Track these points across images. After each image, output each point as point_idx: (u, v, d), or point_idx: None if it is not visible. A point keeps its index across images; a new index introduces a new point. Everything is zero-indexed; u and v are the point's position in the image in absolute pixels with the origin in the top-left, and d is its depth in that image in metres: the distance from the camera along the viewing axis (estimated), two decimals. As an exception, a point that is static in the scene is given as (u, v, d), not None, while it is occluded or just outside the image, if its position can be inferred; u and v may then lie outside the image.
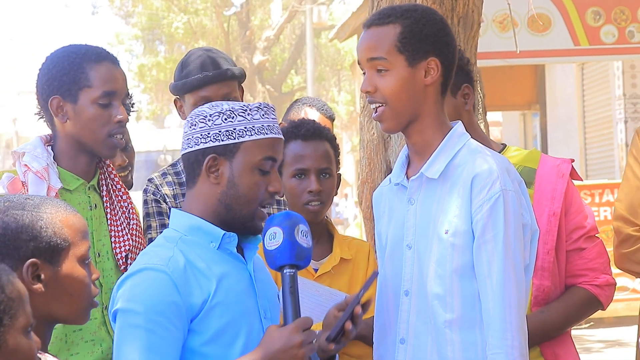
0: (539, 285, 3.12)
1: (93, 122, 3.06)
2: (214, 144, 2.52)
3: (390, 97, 2.66)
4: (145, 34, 31.90)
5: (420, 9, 2.75)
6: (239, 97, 3.61)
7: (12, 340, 1.86)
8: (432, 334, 2.65)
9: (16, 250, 2.12)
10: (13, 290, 1.88)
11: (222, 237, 2.53)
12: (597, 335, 9.94)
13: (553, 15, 9.97)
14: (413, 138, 2.72)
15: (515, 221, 2.61)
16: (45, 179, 3.02)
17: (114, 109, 3.07)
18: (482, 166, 2.62)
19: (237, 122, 2.52)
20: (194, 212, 2.56)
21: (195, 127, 2.54)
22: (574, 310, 3.16)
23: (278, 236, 2.54)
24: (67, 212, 2.22)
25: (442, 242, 2.63)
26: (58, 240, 2.16)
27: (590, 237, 3.19)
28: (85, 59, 3.07)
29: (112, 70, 3.09)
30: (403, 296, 2.70)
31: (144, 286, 2.43)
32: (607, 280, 3.18)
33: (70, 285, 2.18)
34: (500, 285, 2.56)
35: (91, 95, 3.05)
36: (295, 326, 2.44)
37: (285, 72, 28.04)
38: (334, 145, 3.36)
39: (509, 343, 2.55)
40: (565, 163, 3.21)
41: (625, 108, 13.86)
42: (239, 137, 2.52)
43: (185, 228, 2.55)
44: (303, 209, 3.25)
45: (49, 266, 2.15)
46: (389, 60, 2.66)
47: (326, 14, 25.04)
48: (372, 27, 2.71)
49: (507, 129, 19.28)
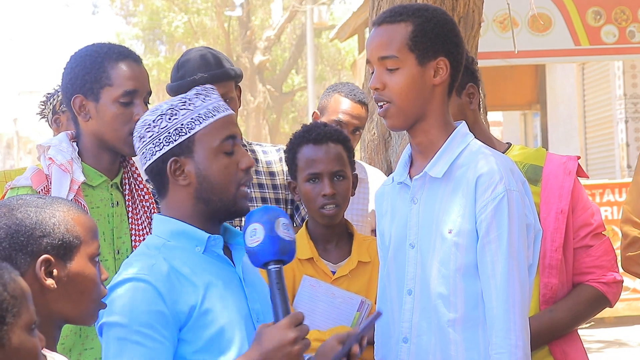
0: (546, 283, 3.12)
1: (115, 120, 3.07)
2: (169, 147, 2.45)
3: (398, 95, 2.66)
4: (146, 34, 31.93)
5: (432, 9, 2.75)
6: (236, 97, 3.61)
7: (15, 338, 1.86)
8: (435, 333, 2.65)
9: (29, 247, 2.12)
10: (16, 288, 1.88)
11: (207, 240, 2.47)
12: (597, 335, 9.94)
13: (553, 15, 9.98)
14: (418, 138, 2.71)
15: (519, 221, 2.61)
16: (69, 171, 3.03)
17: (136, 107, 3.07)
18: (487, 166, 2.62)
19: (182, 117, 2.46)
20: (175, 217, 2.49)
21: (145, 138, 2.48)
22: (582, 309, 3.16)
23: (259, 233, 2.42)
24: (78, 211, 2.23)
25: (445, 242, 2.63)
26: (70, 238, 2.16)
27: (597, 234, 3.19)
28: (106, 58, 3.08)
29: (133, 68, 3.10)
30: (406, 295, 2.70)
31: (127, 297, 2.36)
32: (614, 277, 3.18)
33: (82, 283, 2.18)
34: (504, 285, 2.57)
35: (112, 94, 3.06)
36: (287, 322, 2.33)
37: (285, 71, 28.05)
38: (347, 146, 3.35)
39: (512, 343, 2.55)
40: (571, 160, 3.21)
41: (625, 108, 13.87)
42: (190, 131, 2.45)
43: (168, 233, 2.48)
44: (319, 212, 3.25)
45: (61, 263, 2.15)
46: (400, 59, 2.66)
47: (327, 14, 25.04)
48: (384, 25, 2.71)
49: (507, 129, 19.29)
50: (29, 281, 2.09)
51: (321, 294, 3.16)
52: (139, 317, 2.34)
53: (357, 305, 3.17)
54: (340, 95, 4.36)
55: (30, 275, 2.12)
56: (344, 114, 4.26)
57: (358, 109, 4.27)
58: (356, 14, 18.64)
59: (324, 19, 24.55)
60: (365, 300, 3.18)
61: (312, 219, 3.33)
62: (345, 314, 3.09)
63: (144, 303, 2.35)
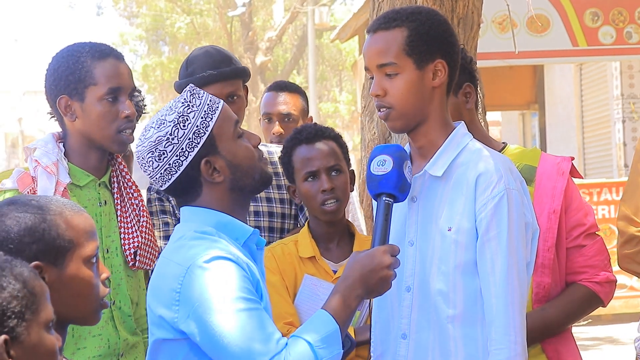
0: (539, 282, 3.13)
1: (101, 119, 3.06)
2: (195, 151, 2.46)
3: (400, 101, 2.66)
4: (149, 35, 31.91)
5: (425, 11, 2.74)
6: (244, 96, 3.62)
7: (34, 335, 1.85)
8: (434, 329, 2.66)
9: (19, 253, 2.04)
10: (35, 286, 1.86)
11: (251, 234, 2.51)
12: (594, 332, 9.89)
13: (552, 16, 9.97)
14: (419, 141, 2.73)
15: (518, 220, 2.63)
16: (54, 173, 3.03)
17: (121, 104, 3.06)
18: (486, 166, 2.64)
19: (194, 119, 2.46)
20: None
21: (166, 154, 2.46)
22: (574, 307, 3.16)
23: (387, 164, 2.57)
24: (73, 212, 2.17)
25: (445, 239, 2.64)
26: (62, 242, 2.11)
27: (590, 234, 3.19)
28: (89, 57, 3.06)
29: (116, 66, 3.08)
30: (405, 292, 2.71)
31: (223, 273, 2.36)
32: (607, 277, 3.18)
33: (76, 287, 2.14)
34: (503, 282, 2.58)
35: (97, 92, 3.05)
36: (386, 248, 2.49)
37: (287, 72, 28.03)
38: (339, 142, 3.38)
39: (511, 339, 2.57)
40: (565, 161, 3.21)
41: (623, 108, 13.88)
42: (207, 129, 2.47)
43: (214, 224, 2.48)
44: (320, 210, 3.27)
45: (53, 268, 2.10)
46: (398, 65, 2.66)
47: (328, 15, 25.02)
48: (379, 32, 2.70)
49: (506, 129, 19.28)
50: None
51: (322, 293, 3.17)
52: (241, 289, 2.36)
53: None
54: (265, 92, 4.61)
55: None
56: (269, 105, 4.50)
57: (285, 97, 4.51)
58: (357, 15, 18.65)
59: (325, 20, 24.53)
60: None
61: (314, 218, 3.34)
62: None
63: (239, 277, 2.37)
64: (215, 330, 2.32)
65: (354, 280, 2.45)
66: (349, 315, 2.44)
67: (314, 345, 2.34)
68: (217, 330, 2.31)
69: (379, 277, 2.46)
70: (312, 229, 3.35)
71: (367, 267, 2.45)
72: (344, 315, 2.42)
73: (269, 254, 3.25)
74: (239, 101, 3.58)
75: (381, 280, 2.46)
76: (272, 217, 3.64)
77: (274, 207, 3.65)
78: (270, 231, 3.63)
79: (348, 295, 2.43)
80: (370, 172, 2.60)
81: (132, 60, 33.76)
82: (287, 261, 3.27)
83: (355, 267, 2.46)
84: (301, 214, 3.72)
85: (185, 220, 2.53)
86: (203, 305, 2.32)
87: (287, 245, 3.32)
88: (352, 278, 2.45)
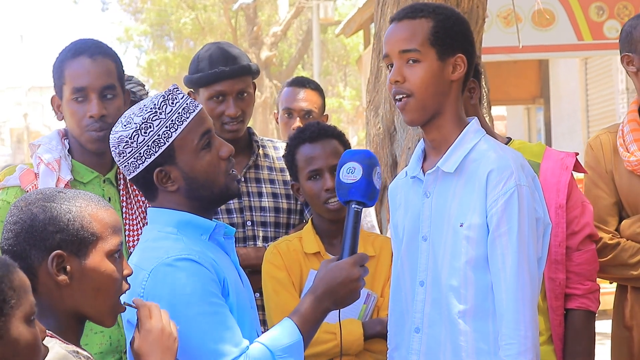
0: (554, 279, 3.16)
1: (71, 118, 3.08)
2: (151, 159, 2.45)
3: (419, 89, 2.69)
4: (154, 30, 31.93)
5: (449, 8, 2.82)
6: (253, 93, 3.62)
7: (14, 330, 1.85)
8: (446, 323, 2.69)
9: (43, 242, 2.12)
10: (13, 280, 1.87)
11: (214, 228, 2.51)
12: (600, 327, 9.75)
13: (557, 10, 9.98)
14: (432, 134, 2.75)
15: (529, 215, 2.65)
16: (56, 170, 3.04)
17: (89, 104, 3.05)
18: (498, 162, 2.66)
19: (157, 128, 2.45)
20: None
21: (124, 154, 2.47)
22: (585, 337, 3.24)
23: (357, 172, 2.60)
24: (99, 206, 2.20)
25: (457, 235, 2.67)
26: (85, 234, 2.15)
27: (584, 240, 3.22)
28: (66, 56, 3.08)
29: (84, 65, 3.05)
30: (418, 286, 2.74)
31: (186, 275, 2.37)
32: (592, 286, 3.23)
33: (97, 280, 2.16)
34: (514, 278, 2.61)
35: (67, 92, 3.07)
36: (354, 260, 2.51)
37: (292, 67, 28.03)
38: (342, 140, 3.39)
39: (522, 334, 2.60)
40: (569, 157, 3.24)
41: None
42: (168, 139, 2.45)
43: (175, 224, 2.48)
44: (324, 208, 3.29)
45: (75, 259, 2.14)
46: (421, 52, 2.70)
47: (332, 10, 25.01)
48: (405, 20, 2.74)
49: (511, 123, 19.30)
50: (43, 276, 2.13)
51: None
52: (204, 290, 2.38)
53: (363, 298, 3.19)
54: (286, 87, 4.57)
55: (44, 271, 2.13)
56: (291, 101, 4.46)
57: (307, 94, 4.48)
58: (362, 10, 18.68)
59: (329, 15, 24.53)
60: (371, 293, 3.22)
61: (318, 215, 3.36)
62: (351, 307, 2.97)
63: (203, 278, 2.38)
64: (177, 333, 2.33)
65: (323, 293, 2.48)
66: (314, 327, 2.49)
67: (275, 353, 2.39)
68: (179, 333, 2.32)
69: (348, 290, 2.50)
70: (316, 226, 3.37)
71: (336, 279, 2.49)
72: (309, 327, 2.47)
73: (275, 251, 3.29)
74: (249, 98, 3.60)
75: (350, 292, 2.50)
76: (278, 212, 3.65)
77: (279, 202, 3.66)
78: (276, 226, 3.65)
79: (316, 307, 2.48)
80: (339, 179, 2.64)
81: (137, 55, 33.87)
82: (292, 257, 3.29)
83: (325, 278, 2.49)
84: (307, 210, 3.73)
85: (149, 222, 2.55)
86: (165, 308, 2.32)
87: (292, 242, 3.34)
88: (321, 290, 2.48)
